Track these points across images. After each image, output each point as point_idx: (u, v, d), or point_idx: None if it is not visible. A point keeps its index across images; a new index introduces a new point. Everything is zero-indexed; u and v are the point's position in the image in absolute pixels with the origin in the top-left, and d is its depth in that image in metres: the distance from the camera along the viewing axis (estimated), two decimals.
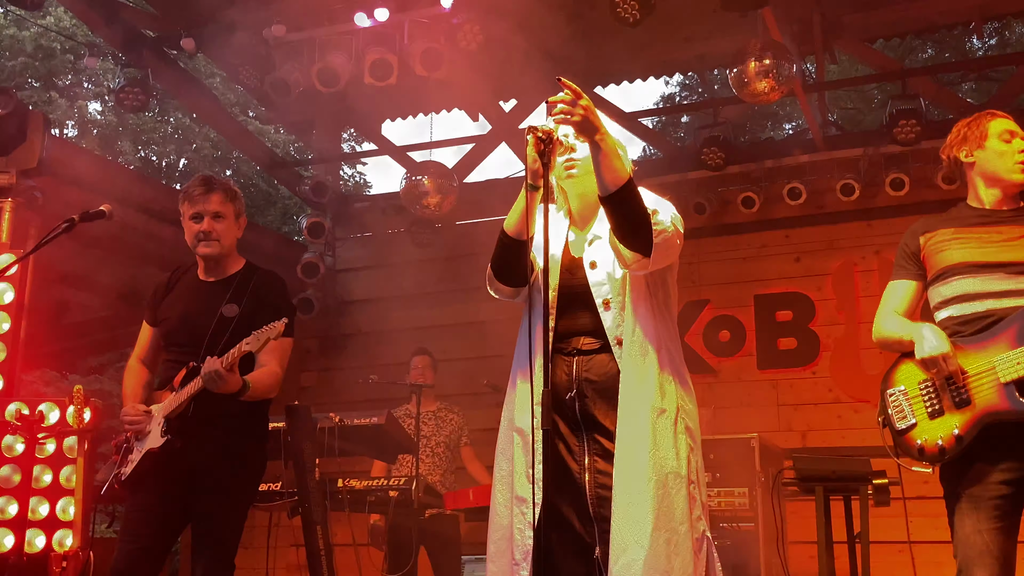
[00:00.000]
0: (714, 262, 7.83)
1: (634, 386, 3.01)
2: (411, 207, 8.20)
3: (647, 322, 3.08)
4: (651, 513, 2.89)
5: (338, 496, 5.26)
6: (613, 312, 3.10)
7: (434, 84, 7.08)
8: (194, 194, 4.10)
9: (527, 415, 3.07)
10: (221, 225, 4.12)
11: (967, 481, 3.25)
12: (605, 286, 3.12)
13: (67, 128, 19.83)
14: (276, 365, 4.09)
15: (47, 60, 19.19)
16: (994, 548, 3.18)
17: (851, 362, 7.42)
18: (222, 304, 4.05)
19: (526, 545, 3.03)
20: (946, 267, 3.40)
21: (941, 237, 3.46)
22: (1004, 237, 3.35)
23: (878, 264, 7.57)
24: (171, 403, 3.94)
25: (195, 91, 8.39)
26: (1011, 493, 3.21)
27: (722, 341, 7.92)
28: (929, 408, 3.32)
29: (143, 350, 4.31)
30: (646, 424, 2.98)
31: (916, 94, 7.35)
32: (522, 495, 3.08)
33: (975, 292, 3.31)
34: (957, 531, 3.28)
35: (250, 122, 17.11)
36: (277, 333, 3.73)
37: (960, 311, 3.34)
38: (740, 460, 5.78)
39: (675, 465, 2.98)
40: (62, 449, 5.79)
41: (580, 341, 3.13)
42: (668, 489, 2.94)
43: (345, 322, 9.03)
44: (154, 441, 3.94)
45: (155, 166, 20.72)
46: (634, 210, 2.98)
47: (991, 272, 3.30)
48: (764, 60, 6.43)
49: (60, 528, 5.67)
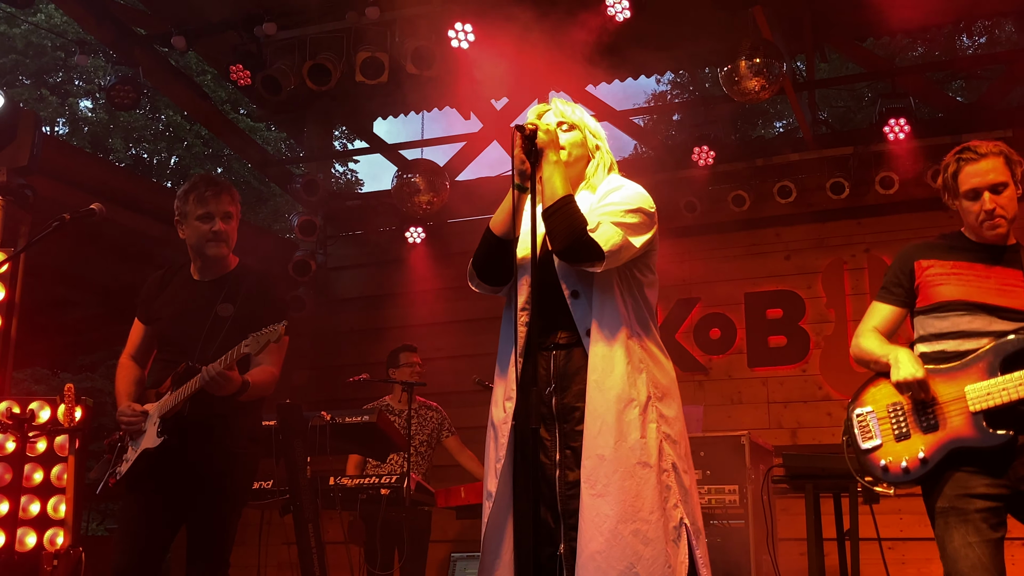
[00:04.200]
0: (704, 260, 7.85)
1: (602, 377, 3.00)
2: (402, 205, 8.20)
3: (617, 311, 3.07)
4: (617, 505, 2.89)
5: (329, 494, 5.27)
6: (581, 302, 3.09)
7: (425, 82, 7.09)
8: (205, 194, 4.08)
9: (499, 409, 3.15)
10: (231, 225, 4.13)
11: (948, 496, 3.28)
12: (572, 276, 3.12)
13: (58, 126, 19.79)
14: (273, 365, 4.10)
15: (38, 57, 19.15)
16: (986, 560, 3.19)
17: (841, 359, 7.44)
18: (216, 303, 4.06)
19: (496, 539, 3.06)
20: (945, 300, 3.42)
21: (940, 269, 3.48)
22: (997, 282, 3.38)
23: (868, 262, 7.61)
24: (167, 403, 3.95)
25: (186, 88, 8.37)
26: (995, 507, 3.24)
27: (712, 339, 7.95)
28: (896, 431, 3.38)
29: (134, 347, 4.31)
30: (614, 415, 2.96)
31: (906, 92, 7.38)
32: (489, 489, 3.11)
33: (972, 331, 3.35)
34: (946, 546, 3.28)
35: (241, 120, 17.09)
36: (278, 336, 3.74)
37: (955, 347, 3.37)
38: (730, 458, 5.80)
39: (643, 455, 2.95)
40: (53, 447, 5.79)
41: (556, 335, 3.13)
42: (636, 480, 2.92)
43: (336, 320, 9.04)
44: (150, 441, 3.95)
45: (146, 164, 20.68)
46: (563, 225, 3.01)
47: (990, 314, 3.34)
48: (755, 59, 6.44)
49: (51, 526, 5.67)
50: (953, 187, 3.45)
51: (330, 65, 6.77)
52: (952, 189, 3.46)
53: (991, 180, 3.37)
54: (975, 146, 3.44)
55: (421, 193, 8.09)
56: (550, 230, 3.04)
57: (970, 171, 3.40)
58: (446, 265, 8.23)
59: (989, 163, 3.38)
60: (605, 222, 3.02)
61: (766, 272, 7.92)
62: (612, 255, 2.99)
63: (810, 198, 7.78)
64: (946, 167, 3.49)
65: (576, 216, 3.01)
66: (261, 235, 10.67)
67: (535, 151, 3.04)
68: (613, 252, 2.99)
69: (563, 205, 3.02)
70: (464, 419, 6.93)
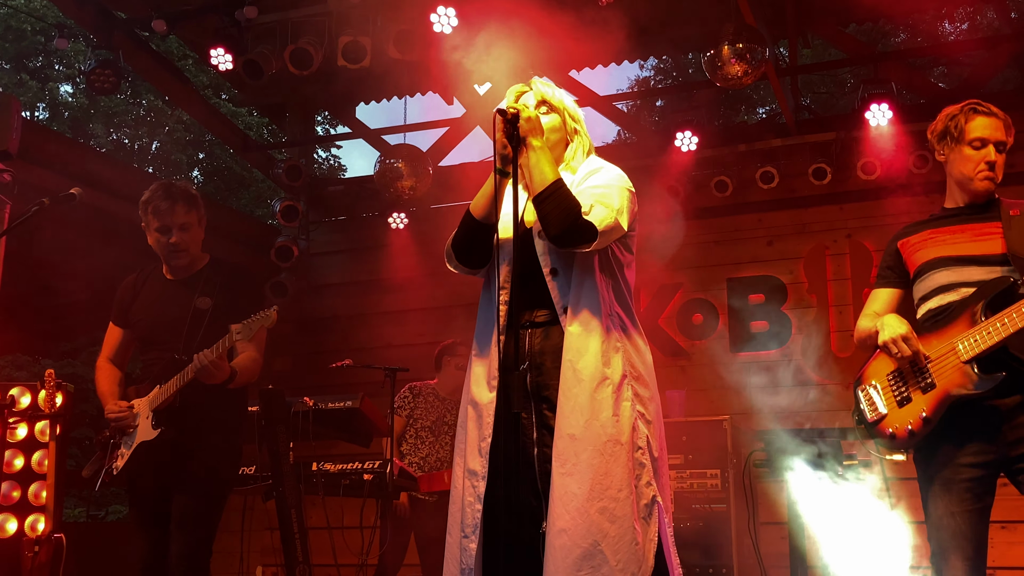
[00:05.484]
0: (687, 245, 7.85)
1: (576, 356, 3.00)
2: (385, 190, 8.18)
3: (595, 290, 3.07)
4: (585, 483, 2.89)
5: (312, 479, 5.27)
6: (560, 280, 3.10)
7: (408, 67, 7.06)
8: (160, 208, 4.12)
9: (482, 389, 3.14)
10: (188, 235, 4.18)
11: (937, 464, 3.34)
12: (552, 254, 3.12)
13: (38, 111, 19.65)
14: (256, 351, 4.18)
15: (17, 41, 18.99)
16: (967, 530, 3.25)
17: (823, 344, 7.49)
18: (193, 299, 4.11)
19: (475, 519, 3.03)
20: (923, 263, 3.52)
21: (917, 239, 3.58)
22: (972, 234, 3.45)
23: (849, 248, 7.64)
24: (158, 396, 4.03)
25: (167, 73, 8.31)
26: (982, 476, 3.28)
27: (695, 324, 7.97)
28: (898, 397, 3.43)
29: (112, 350, 4.38)
30: (586, 394, 2.97)
31: (888, 78, 7.39)
32: (473, 468, 3.10)
33: (949, 283, 3.41)
34: (930, 514, 3.35)
35: (223, 104, 16.98)
36: (271, 321, 3.84)
37: (938, 302, 3.43)
38: (712, 442, 5.84)
39: (615, 432, 2.95)
40: (34, 433, 5.78)
41: (534, 313, 3.14)
42: (605, 457, 2.92)
43: (319, 306, 9.02)
44: (146, 434, 4.03)
45: (127, 149, 20.56)
46: (558, 209, 3.00)
47: (964, 265, 3.40)
48: (737, 44, 6.44)
49: (32, 513, 5.66)
50: (958, 134, 3.50)
51: (312, 49, 6.73)
52: (956, 135, 3.51)
53: (998, 136, 3.47)
54: (986, 103, 3.54)
55: (404, 178, 8.07)
56: (544, 215, 3.02)
57: (982, 122, 3.48)
58: (429, 251, 8.21)
59: (998, 121, 3.49)
60: (597, 204, 3.03)
61: (748, 257, 7.94)
62: (604, 235, 3.01)
63: (792, 184, 7.80)
64: (951, 115, 3.55)
65: (570, 199, 3.01)
66: (243, 221, 10.63)
67: (517, 135, 3.03)
68: (605, 233, 3.00)
69: (555, 189, 3.01)
70: None
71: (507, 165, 3.06)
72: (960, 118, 3.52)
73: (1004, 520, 3.39)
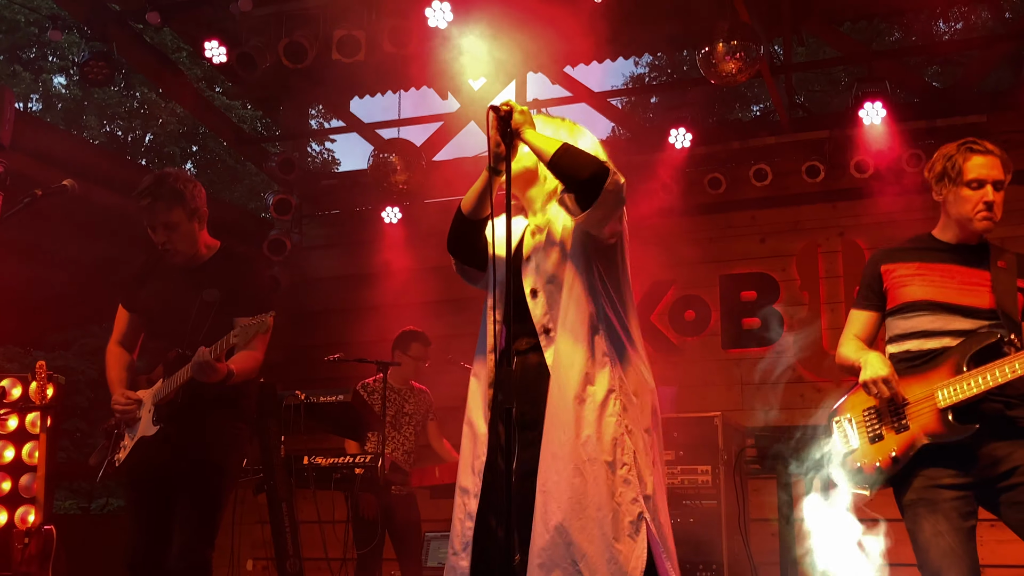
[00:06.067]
0: (680, 242, 7.86)
1: (561, 376, 2.98)
2: (379, 184, 8.18)
3: (581, 306, 3.03)
4: (564, 503, 2.87)
5: (303, 473, 5.27)
6: (540, 300, 3.08)
7: (403, 61, 7.06)
8: (143, 206, 4.07)
9: (478, 409, 3.14)
10: (176, 234, 4.10)
11: (919, 489, 3.37)
12: (533, 275, 3.11)
13: (31, 102, 19.58)
14: (257, 350, 4.16)
15: (11, 33, 18.92)
16: (959, 548, 3.25)
17: (814, 342, 7.50)
18: (201, 289, 4.07)
19: (465, 536, 3.03)
20: (909, 301, 3.52)
21: (905, 271, 3.57)
22: (961, 281, 3.46)
23: (842, 246, 7.65)
24: (161, 390, 4.01)
25: (161, 65, 8.30)
26: (964, 496, 3.32)
27: (687, 320, 7.98)
28: (871, 433, 3.49)
29: (121, 334, 4.33)
30: (569, 413, 2.94)
31: (882, 77, 7.41)
32: (465, 485, 3.09)
33: (934, 329, 3.44)
34: (917, 538, 3.35)
35: (217, 97, 16.94)
36: (266, 328, 3.81)
37: (919, 346, 3.47)
38: (703, 438, 5.84)
39: (595, 451, 2.91)
40: (25, 425, 5.76)
41: (523, 341, 3.11)
42: (584, 477, 2.88)
43: (312, 299, 9.01)
44: (147, 429, 4.02)
45: (120, 141, 20.50)
46: (577, 161, 2.96)
47: (951, 313, 3.42)
48: (732, 41, 6.45)
49: (23, 504, 5.65)
50: (956, 174, 3.48)
51: (306, 43, 6.73)
52: (953, 176, 3.48)
53: (995, 176, 3.45)
54: (982, 141, 3.52)
55: (398, 173, 8.06)
56: (565, 168, 2.96)
57: (980, 161, 3.46)
58: (422, 245, 8.21)
59: (995, 160, 3.47)
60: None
61: (741, 254, 7.94)
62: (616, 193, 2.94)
63: (785, 181, 7.81)
64: (949, 155, 3.53)
65: (583, 152, 3.00)
66: (236, 214, 10.61)
67: (510, 132, 3.02)
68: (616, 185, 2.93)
69: (567, 147, 2.98)
70: (438, 398, 6.92)
71: (499, 163, 3.05)
72: (957, 158, 3.50)
73: (993, 519, 3.39)
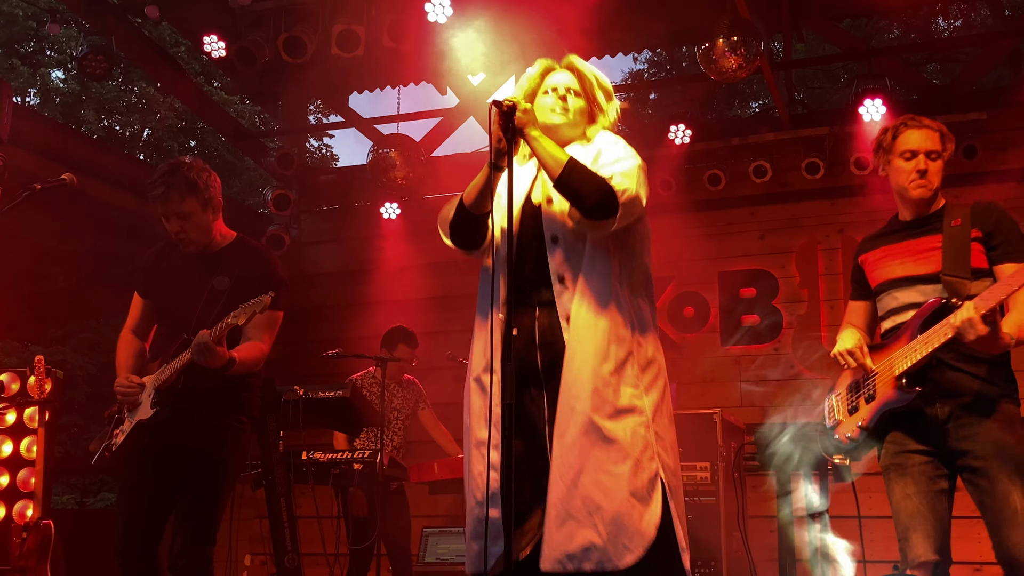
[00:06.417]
0: (679, 239, 7.84)
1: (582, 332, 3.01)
2: (377, 180, 8.17)
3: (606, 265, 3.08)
4: (582, 456, 2.92)
5: (302, 469, 5.26)
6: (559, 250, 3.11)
7: (402, 56, 7.05)
8: (155, 195, 4.04)
9: (481, 367, 3.15)
10: (189, 223, 4.08)
11: (891, 454, 3.56)
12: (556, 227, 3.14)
13: (29, 96, 19.55)
14: (262, 339, 4.12)
15: (9, 27, 18.89)
16: (925, 510, 3.41)
17: (813, 339, 7.50)
18: (212, 277, 4.06)
19: (491, 487, 3.03)
20: (878, 284, 3.71)
21: (874, 256, 3.75)
22: (915, 253, 3.60)
23: (841, 243, 7.65)
24: (161, 375, 3.98)
25: (159, 60, 8.28)
26: (932, 460, 3.47)
27: (686, 317, 7.98)
28: (849, 406, 3.70)
29: (135, 321, 4.31)
30: (588, 369, 2.97)
31: (882, 74, 7.40)
32: (481, 437, 3.10)
33: (898, 305, 3.60)
34: (891, 500, 3.53)
35: (215, 92, 16.95)
36: (263, 307, 3.76)
37: (892, 323, 3.63)
38: (702, 435, 5.83)
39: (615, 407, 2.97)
40: (23, 419, 5.76)
41: (542, 292, 3.13)
42: (603, 432, 2.93)
43: (310, 295, 8.99)
44: (144, 412, 3.99)
45: (118, 136, 20.48)
46: (584, 185, 3.00)
47: (908, 286, 3.58)
48: (732, 37, 6.44)
49: (21, 499, 5.64)
50: (890, 146, 3.66)
51: (306, 37, 6.72)
52: (889, 148, 3.67)
53: (928, 146, 3.60)
54: (919, 118, 3.68)
55: (397, 168, 8.06)
56: (574, 190, 3.01)
57: (912, 135, 3.63)
58: (421, 241, 8.20)
59: (930, 132, 3.62)
60: (617, 174, 3.04)
61: (740, 251, 7.94)
62: (628, 206, 3.01)
63: (785, 178, 7.80)
64: (886, 131, 3.72)
65: (591, 173, 3.02)
66: (234, 209, 10.58)
67: (512, 127, 3.01)
68: (630, 203, 3.01)
69: (574, 166, 3.01)
70: (437, 395, 6.93)
71: (501, 159, 3.04)
72: (889, 132, 3.69)
73: None
